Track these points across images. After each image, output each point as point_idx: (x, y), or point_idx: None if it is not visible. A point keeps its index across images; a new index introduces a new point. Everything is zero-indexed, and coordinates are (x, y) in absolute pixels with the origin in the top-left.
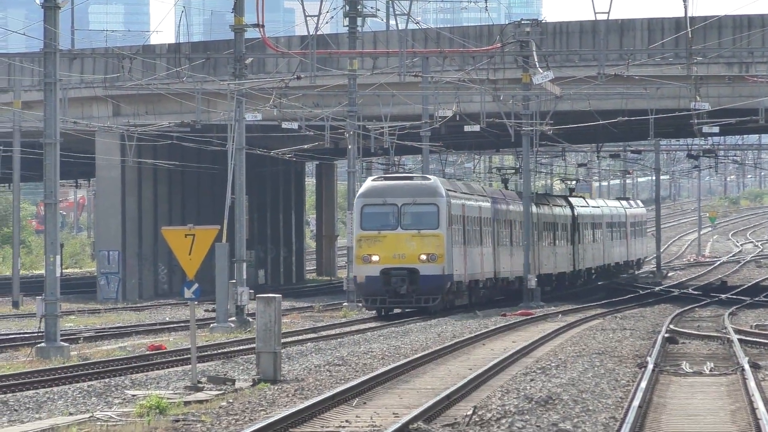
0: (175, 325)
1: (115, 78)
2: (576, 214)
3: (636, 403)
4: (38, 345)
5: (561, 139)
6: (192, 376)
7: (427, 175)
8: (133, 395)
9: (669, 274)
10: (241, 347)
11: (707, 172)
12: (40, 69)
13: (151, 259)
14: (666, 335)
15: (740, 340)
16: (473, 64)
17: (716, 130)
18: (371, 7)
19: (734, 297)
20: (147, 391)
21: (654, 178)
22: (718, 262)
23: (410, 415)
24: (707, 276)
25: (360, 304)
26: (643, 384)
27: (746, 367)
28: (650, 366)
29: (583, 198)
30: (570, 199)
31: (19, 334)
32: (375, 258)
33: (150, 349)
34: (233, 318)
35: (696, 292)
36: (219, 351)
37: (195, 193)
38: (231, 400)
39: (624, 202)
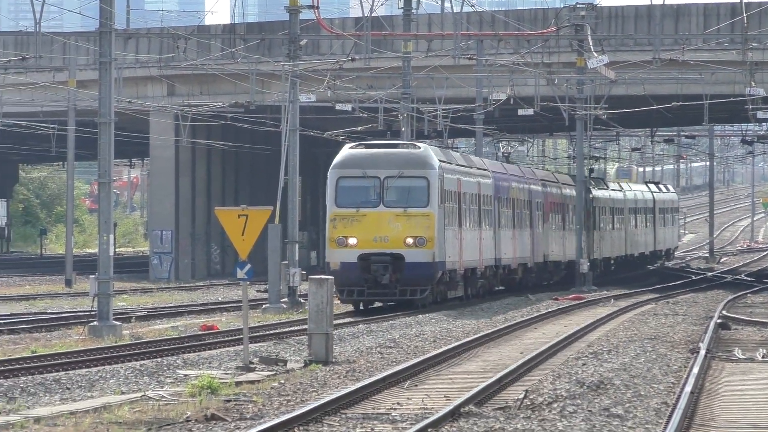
0: (227, 305)
1: (170, 58)
2: (591, 197)
3: (688, 389)
4: (91, 324)
5: (615, 123)
6: (244, 357)
7: (416, 142)
8: (185, 375)
9: (722, 260)
10: (293, 328)
11: (761, 157)
12: (96, 48)
13: (203, 239)
14: (718, 321)
15: None
16: (528, 48)
17: None
18: None
19: None
20: (199, 371)
21: (708, 163)
22: None
23: (462, 398)
24: (760, 262)
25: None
26: (695, 370)
27: None
28: (702, 352)
29: (602, 180)
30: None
31: (72, 312)
32: (352, 241)
33: (202, 329)
34: (285, 299)
35: (749, 278)
36: (271, 332)
37: (248, 173)
38: (282, 381)
39: (653, 186)
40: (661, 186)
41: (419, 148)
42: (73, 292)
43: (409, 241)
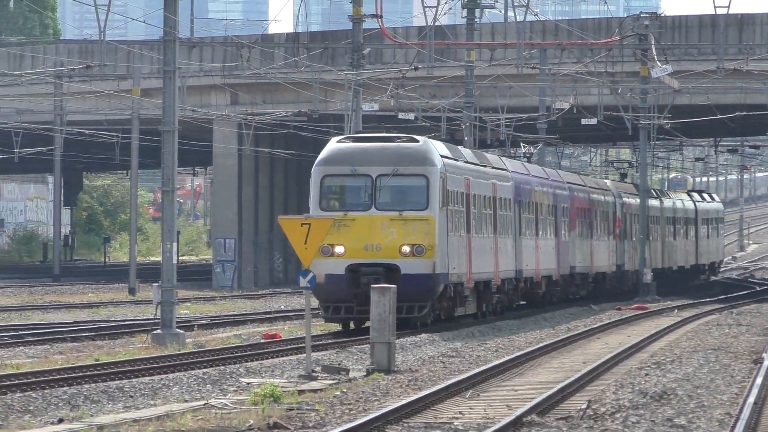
0: (290, 313)
1: (234, 67)
2: (621, 203)
3: (751, 399)
4: (154, 332)
5: (678, 132)
6: (306, 365)
7: (415, 136)
8: (248, 383)
9: None
10: (355, 337)
11: None
12: (160, 57)
13: (266, 247)
14: None
15: None
16: (591, 57)
17: None
18: None
19: None
20: (261, 379)
21: None
22: None
23: (524, 407)
24: None
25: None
26: (759, 380)
27: None
28: (766, 362)
29: (635, 186)
30: (616, 185)
31: (135, 320)
32: (338, 250)
33: (265, 337)
34: None
35: None
36: (333, 340)
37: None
38: (345, 390)
39: (695, 195)
40: (704, 195)
41: (418, 141)
42: (136, 300)
43: (406, 249)
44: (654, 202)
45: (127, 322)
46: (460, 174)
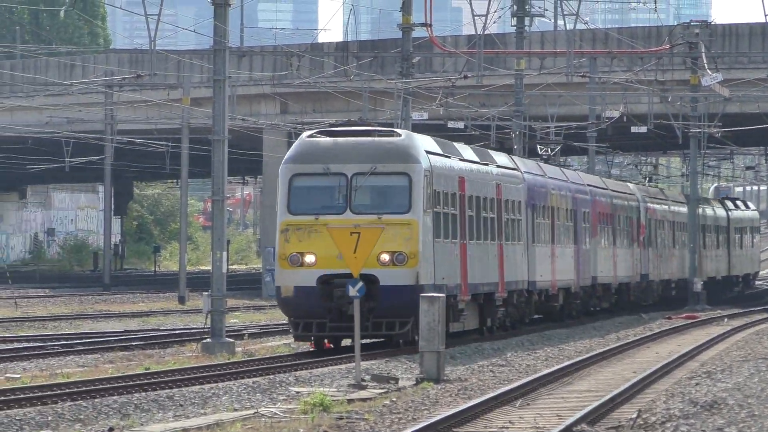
0: None
1: (283, 76)
2: (645, 208)
3: None
4: (204, 341)
5: (729, 141)
6: (356, 374)
7: (397, 129)
8: (297, 392)
9: None
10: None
11: None
12: (210, 66)
13: None
14: None
15: None
16: (641, 65)
17: None
18: (539, 7)
19: None
20: (311, 388)
21: None
22: None
23: (574, 417)
24: None
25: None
26: None
27: None
28: None
29: (661, 190)
30: (640, 188)
31: (185, 329)
32: (309, 259)
33: (311, 346)
34: None
35: None
36: (382, 350)
37: None
38: (394, 399)
39: (729, 203)
40: (738, 203)
41: (399, 135)
42: (186, 309)
43: (385, 258)
44: (680, 209)
45: (177, 331)
46: (451, 172)
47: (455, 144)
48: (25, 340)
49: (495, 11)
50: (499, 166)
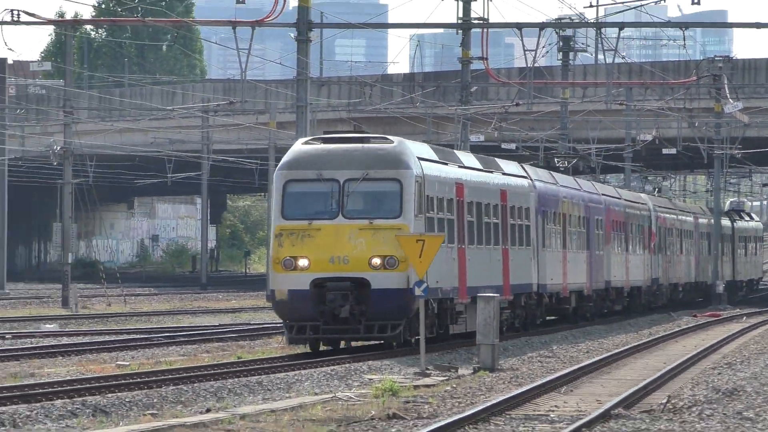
0: None
1: (357, 102)
2: (656, 216)
3: None
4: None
5: (748, 161)
6: (421, 364)
7: (389, 136)
8: (370, 379)
9: None
10: (463, 339)
11: None
12: (293, 94)
13: None
14: None
15: None
16: (671, 95)
17: None
18: (582, 43)
19: None
20: (382, 375)
21: None
22: None
23: (612, 402)
24: None
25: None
26: None
27: None
28: None
29: (669, 200)
30: (652, 199)
31: (272, 324)
32: (302, 263)
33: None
34: None
35: None
36: (444, 342)
37: None
38: (454, 386)
39: (734, 215)
40: (743, 214)
41: (392, 142)
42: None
43: (376, 261)
44: (687, 218)
45: (264, 325)
46: (447, 179)
47: (456, 152)
48: (134, 333)
49: (543, 47)
50: (505, 174)
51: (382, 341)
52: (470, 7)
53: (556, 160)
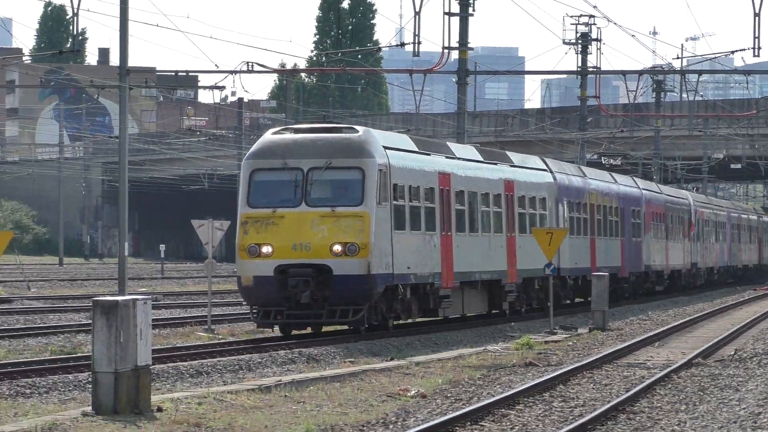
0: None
1: (502, 130)
2: (695, 210)
3: None
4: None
5: None
6: (550, 325)
7: (355, 126)
8: (511, 336)
9: None
10: (582, 307)
11: None
12: (454, 123)
13: None
14: None
15: None
16: (737, 124)
17: None
18: (671, 85)
19: None
20: (521, 333)
21: None
22: None
23: (693, 353)
24: None
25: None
26: None
27: None
28: None
29: (707, 197)
30: (694, 196)
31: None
32: (266, 249)
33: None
34: None
35: None
36: (567, 309)
37: None
38: (575, 341)
39: (761, 210)
40: None
41: (357, 131)
42: None
43: (337, 248)
44: (720, 212)
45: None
46: (425, 168)
47: (453, 144)
48: None
49: (641, 87)
50: (514, 166)
51: (347, 326)
52: (587, 58)
53: (602, 159)
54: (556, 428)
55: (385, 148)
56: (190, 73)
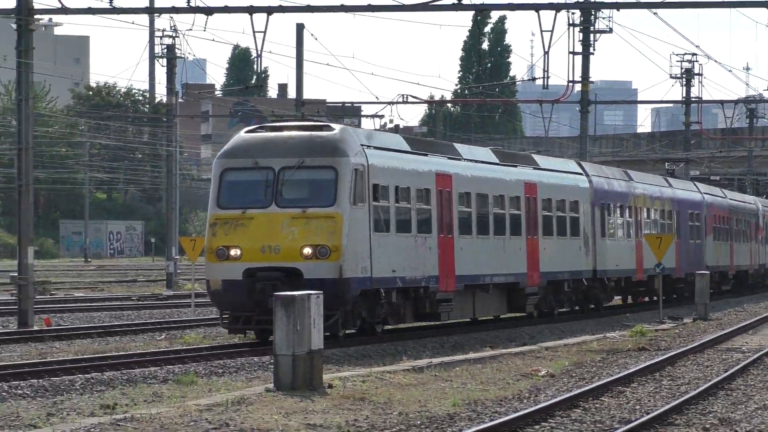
0: None
1: (618, 151)
2: (763, 214)
3: None
4: None
5: None
6: (660, 316)
7: (332, 124)
8: (626, 325)
9: None
10: (687, 302)
11: None
12: (578, 145)
13: None
14: None
15: None
16: None
17: None
18: (762, 112)
19: None
20: (635, 323)
21: None
22: None
23: None
24: None
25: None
26: None
27: None
28: None
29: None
30: (762, 200)
31: None
32: (235, 252)
33: (640, 300)
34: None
35: None
36: (673, 303)
37: None
38: (681, 329)
39: None
40: None
41: (333, 129)
42: None
43: (308, 251)
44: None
45: None
46: (416, 169)
47: (458, 145)
48: None
49: (736, 114)
50: (539, 169)
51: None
52: (690, 89)
53: (666, 164)
54: (665, 403)
55: (366, 147)
56: (354, 104)
